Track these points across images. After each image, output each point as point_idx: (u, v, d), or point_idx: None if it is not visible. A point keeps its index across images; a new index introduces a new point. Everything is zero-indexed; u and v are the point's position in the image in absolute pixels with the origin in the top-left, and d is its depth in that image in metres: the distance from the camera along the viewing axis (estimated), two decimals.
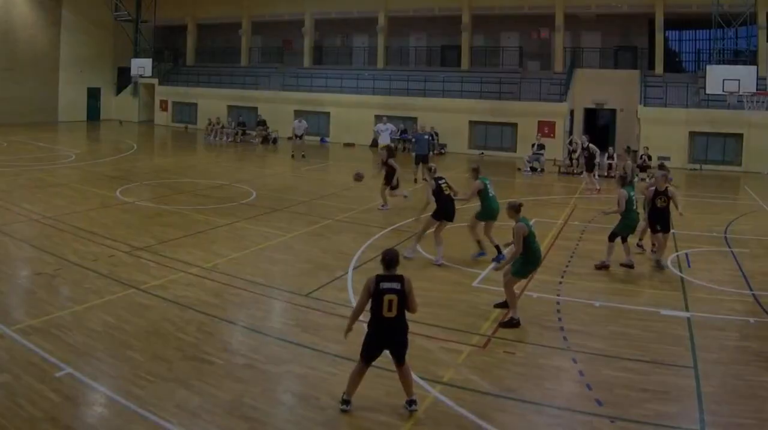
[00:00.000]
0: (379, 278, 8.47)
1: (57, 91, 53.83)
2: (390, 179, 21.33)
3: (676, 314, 12.54)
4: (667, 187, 15.88)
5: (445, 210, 15.79)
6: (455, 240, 17.77)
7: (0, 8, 49.06)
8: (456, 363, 10.20)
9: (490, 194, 15.99)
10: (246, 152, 40.06)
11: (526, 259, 12.01)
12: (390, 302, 8.34)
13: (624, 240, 15.78)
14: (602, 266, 15.50)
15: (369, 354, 8.57)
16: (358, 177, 17.20)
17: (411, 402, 8.52)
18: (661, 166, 18.35)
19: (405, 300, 8.45)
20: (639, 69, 41.73)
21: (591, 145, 28.16)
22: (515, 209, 12.10)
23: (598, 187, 27.17)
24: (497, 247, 15.73)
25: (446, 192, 15.86)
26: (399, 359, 8.53)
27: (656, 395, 9.13)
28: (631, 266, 15.62)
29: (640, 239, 17.35)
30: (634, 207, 15.84)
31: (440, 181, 15.96)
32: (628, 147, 22.24)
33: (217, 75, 53.08)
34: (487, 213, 15.99)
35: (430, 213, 15.97)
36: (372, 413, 8.51)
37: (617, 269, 15.55)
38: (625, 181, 16.38)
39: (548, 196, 26.06)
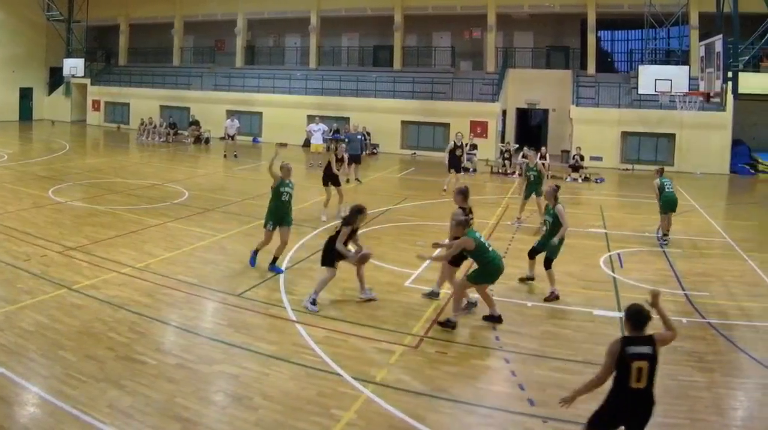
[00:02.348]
0: (626, 341, 6.97)
1: None
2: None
3: (608, 315, 12.78)
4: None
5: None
6: (387, 239, 17.93)
7: None
8: (388, 363, 10.29)
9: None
10: (178, 152, 39.69)
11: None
12: (639, 370, 6.80)
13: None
14: (554, 298, 13.62)
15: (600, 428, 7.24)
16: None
17: None
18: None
19: (656, 366, 6.89)
20: (571, 69, 42.34)
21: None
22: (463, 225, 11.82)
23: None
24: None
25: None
26: None
27: (589, 395, 9.16)
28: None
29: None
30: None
31: None
32: (534, 147, 22.43)
33: (150, 75, 52.37)
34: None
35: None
36: (303, 413, 8.56)
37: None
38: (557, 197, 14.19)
39: (480, 196, 26.24)
